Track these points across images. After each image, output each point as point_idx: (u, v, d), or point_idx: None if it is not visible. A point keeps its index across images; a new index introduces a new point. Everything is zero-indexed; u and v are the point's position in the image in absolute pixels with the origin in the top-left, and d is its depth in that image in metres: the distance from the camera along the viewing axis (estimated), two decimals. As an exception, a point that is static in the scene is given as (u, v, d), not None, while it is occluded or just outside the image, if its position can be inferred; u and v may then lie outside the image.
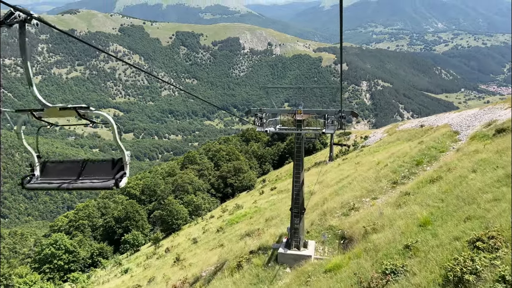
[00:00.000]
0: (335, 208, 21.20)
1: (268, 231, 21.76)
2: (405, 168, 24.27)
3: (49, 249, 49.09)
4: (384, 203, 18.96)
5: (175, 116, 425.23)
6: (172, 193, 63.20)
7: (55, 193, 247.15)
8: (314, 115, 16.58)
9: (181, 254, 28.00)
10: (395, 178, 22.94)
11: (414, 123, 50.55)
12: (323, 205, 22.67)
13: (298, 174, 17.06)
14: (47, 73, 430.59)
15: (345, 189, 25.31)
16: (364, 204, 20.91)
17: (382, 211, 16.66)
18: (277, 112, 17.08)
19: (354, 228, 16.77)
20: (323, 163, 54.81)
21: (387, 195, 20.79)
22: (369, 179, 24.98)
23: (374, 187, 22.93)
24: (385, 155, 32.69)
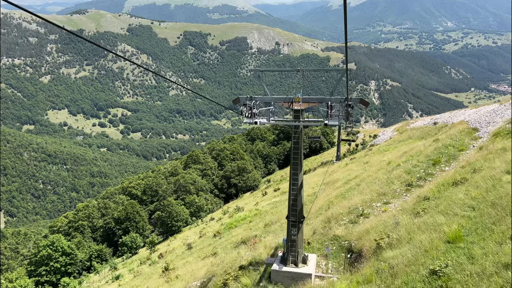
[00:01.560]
0: (341, 214, 18.86)
1: (265, 240, 19.48)
2: (420, 168, 21.83)
3: (46, 251, 47.41)
4: (398, 209, 16.60)
5: (182, 115, 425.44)
6: (174, 193, 61.25)
7: (62, 192, 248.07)
8: (315, 104, 14.11)
9: (171, 263, 25.90)
10: (409, 180, 20.55)
11: (427, 121, 47.93)
12: (327, 210, 20.33)
13: (295, 175, 14.58)
14: (56, 73, 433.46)
15: (353, 191, 22.94)
16: (374, 209, 18.54)
17: (397, 220, 14.28)
18: (270, 101, 14.49)
19: (363, 240, 14.41)
20: (329, 162, 52.47)
21: (401, 200, 18.48)
22: (380, 180, 22.57)
23: (385, 189, 20.59)
24: (397, 154, 30.26)
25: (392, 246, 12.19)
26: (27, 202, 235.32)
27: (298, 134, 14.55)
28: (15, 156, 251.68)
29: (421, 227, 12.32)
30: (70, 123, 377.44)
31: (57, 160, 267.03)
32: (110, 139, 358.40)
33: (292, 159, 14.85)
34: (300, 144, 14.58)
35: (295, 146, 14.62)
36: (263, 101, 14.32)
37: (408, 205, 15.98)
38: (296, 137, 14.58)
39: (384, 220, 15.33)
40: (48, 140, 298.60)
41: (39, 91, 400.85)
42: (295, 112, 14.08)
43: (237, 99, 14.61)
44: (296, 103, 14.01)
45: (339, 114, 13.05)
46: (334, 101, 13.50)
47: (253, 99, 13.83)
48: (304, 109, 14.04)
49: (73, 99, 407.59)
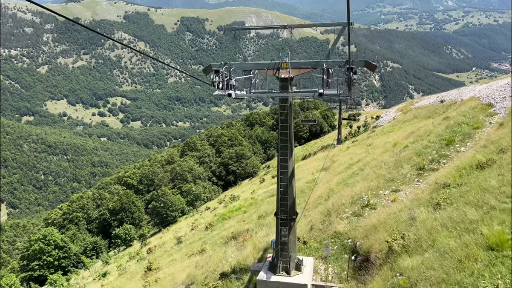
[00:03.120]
0: (343, 205, 16.49)
1: (256, 237, 17.33)
2: (432, 149, 19.36)
3: (38, 245, 45.77)
4: (411, 198, 14.20)
5: (182, 103, 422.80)
6: (171, 182, 59.35)
7: (64, 182, 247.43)
8: (308, 69, 11.21)
9: (156, 261, 24.00)
10: (420, 163, 17.97)
11: (432, 99, 45.49)
12: (327, 200, 18.02)
13: (285, 161, 11.92)
14: (53, 63, 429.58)
15: (356, 177, 20.63)
16: (382, 199, 16.06)
17: (412, 213, 11.84)
18: (250, 68, 11.80)
19: (371, 239, 11.98)
20: (330, 146, 50.26)
21: (412, 186, 16.06)
22: (387, 164, 20.17)
23: (394, 174, 18.16)
24: (403, 135, 27.95)
25: (410, 250, 9.77)
26: (28, 194, 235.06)
27: (286, 110, 11.81)
28: (15, 147, 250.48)
29: (447, 225, 9.80)
30: (70, 113, 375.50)
31: (58, 150, 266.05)
32: (110, 128, 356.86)
33: (280, 141, 12.05)
34: (289, 122, 11.98)
35: (283, 126, 11.89)
36: (241, 68, 11.74)
37: (423, 194, 13.59)
38: (284, 113, 11.81)
39: (395, 213, 12.91)
40: (48, 131, 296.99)
41: (37, 82, 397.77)
42: (282, 82, 11.50)
43: (209, 66, 11.81)
44: (283, 70, 11.41)
45: (338, 81, 10.64)
46: (332, 65, 10.88)
47: (229, 65, 11.40)
48: (293, 78, 11.64)
49: (72, 89, 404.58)
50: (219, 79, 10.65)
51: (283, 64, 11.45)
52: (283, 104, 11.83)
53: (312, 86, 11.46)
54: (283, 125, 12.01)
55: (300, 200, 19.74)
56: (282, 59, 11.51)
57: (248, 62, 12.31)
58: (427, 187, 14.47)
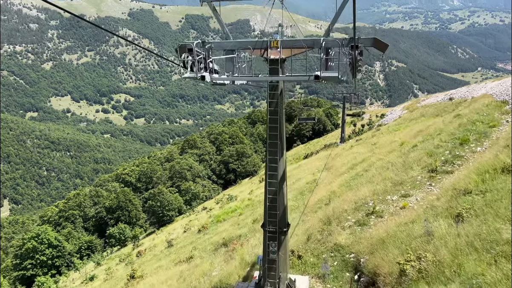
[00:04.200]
0: (345, 211, 14.76)
1: (246, 247, 15.70)
2: (444, 149, 17.61)
3: (31, 244, 44.51)
4: (423, 205, 12.38)
5: (185, 100, 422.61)
6: (169, 180, 57.93)
7: (66, 179, 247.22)
8: (304, 49, 9.32)
9: (140, 268, 22.54)
10: (432, 164, 16.12)
11: (440, 97, 43.74)
12: (328, 204, 16.34)
13: (273, 162, 10.05)
14: (57, 59, 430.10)
15: (360, 179, 18.98)
16: (389, 205, 14.28)
17: (428, 227, 9.97)
18: (233, 47, 9.88)
19: (378, 256, 10.11)
20: (333, 145, 48.63)
21: (424, 191, 14.27)
22: (394, 165, 18.46)
23: (402, 177, 16.35)
24: (410, 134, 26.29)
25: (429, 277, 7.94)
26: (31, 189, 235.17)
27: (276, 99, 9.92)
28: (18, 143, 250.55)
29: (474, 245, 7.91)
30: (73, 110, 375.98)
31: (61, 147, 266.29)
32: (114, 125, 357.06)
33: (268, 137, 10.08)
34: (279, 113, 10.05)
35: (272, 118, 9.92)
36: (222, 47, 10.04)
37: (439, 201, 11.77)
38: (273, 103, 9.89)
39: (406, 224, 11.04)
40: (51, 127, 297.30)
41: (42, 78, 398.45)
42: (272, 64, 9.64)
43: (183, 46, 9.74)
44: (273, 50, 9.51)
45: (339, 62, 8.75)
46: (333, 43, 9.04)
47: (206, 44, 9.71)
48: (285, 59, 9.93)
49: (76, 86, 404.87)
50: (192, 59, 8.87)
51: (272, 42, 9.52)
52: (272, 92, 9.90)
53: (308, 70, 9.40)
54: (272, 118, 10.01)
55: (299, 203, 18.24)
56: (272, 37, 9.71)
57: (230, 40, 10.31)
58: (442, 192, 12.63)
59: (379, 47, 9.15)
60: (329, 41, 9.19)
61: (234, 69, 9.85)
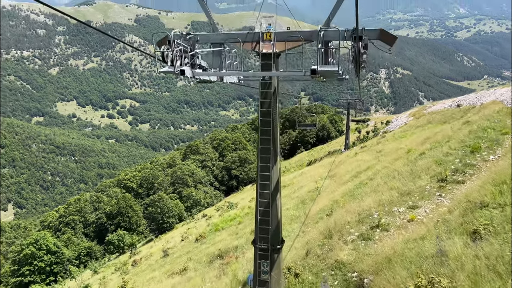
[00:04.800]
0: (348, 223, 13.79)
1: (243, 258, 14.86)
2: (454, 157, 16.67)
3: (29, 249, 43.85)
4: (435, 219, 11.22)
5: (190, 106, 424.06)
6: (171, 186, 57.19)
7: (71, 183, 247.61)
8: (300, 43, 8.39)
9: (132, 280, 21.69)
10: (442, 173, 15.12)
11: (448, 104, 42.82)
12: (330, 215, 15.40)
13: (266, 170, 9.00)
14: (64, 65, 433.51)
15: (364, 188, 18.06)
16: (396, 217, 13.15)
17: (442, 246, 8.79)
18: (220, 41, 9.04)
19: (384, 278, 8.92)
20: (337, 152, 47.70)
21: (434, 202, 13.21)
22: (400, 174, 17.47)
23: (410, 187, 15.30)
24: (417, 141, 25.36)
25: None
26: (36, 194, 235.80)
27: (269, 99, 8.96)
28: (23, 148, 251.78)
29: (498, 269, 6.91)
30: (79, 115, 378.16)
31: (65, 151, 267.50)
32: (119, 130, 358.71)
33: (260, 142, 9.08)
34: (273, 115, 9.05)
35: (264, 120, 8.89)
36: (208, 40, 9.23)
37: (451, 215, 10.70)
38: (266, 103, 8.92)
39: (415, 240, 9.93)
40: (57, 132, 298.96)
41: (48, 83, 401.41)
42: (264, 59, 8.79)
43: (164, 38, 8.59)
44: (266, 43, 8.72)
45: (339, 54, 7.93)
46: (333, 35, 8.13)
47: (190, 36, 8.86)
48: (279, 54, 9.06)
49: (82, 91, 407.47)
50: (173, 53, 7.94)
51: (265, 35, 8.68)
52: (265, 91, 8.90)
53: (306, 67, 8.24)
54: (264, 120, 8.95)
55: (300, 212, 17.39)
56: (265, 28, 8.82)
57: (217, 32, 9.39)
58: (454, 205, 11.57)
59: (386, 40, 8.15)
60: (329, 32, 8.17)
61: (222, 65, 8.95)
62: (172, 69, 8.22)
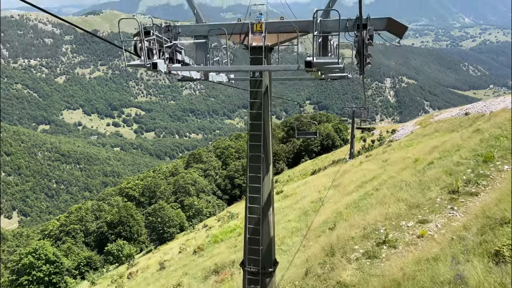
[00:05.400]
0: (352, 238, 12.78)
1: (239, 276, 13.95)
2: (465, 167, 15.56)
3: (28, 259, 43.14)
4: (448, 235, 10.09)
5: (195, 115, 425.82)
6: (173, 195, 56.41)
7: (75, 191, 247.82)
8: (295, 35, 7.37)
9: None
10: (453, 184, 14.09)
11: (455, 112, 41.91)
12: (333, 229, 14.46)
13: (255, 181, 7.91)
14: (71, 73, 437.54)
15: (369, 199, 17.11)
16: (404, 232, 12.09)
17: (460, 269, 7.60)
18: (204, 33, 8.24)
19: None
20: (342, 161, 46.78)
21: (445, 216, 12.15)
22: (408, 184, 16.51)
23: (418, 199, 14.25)
24: (424, 150, 24.47)
25: None
26: (40, 202, 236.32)
27: (259, 99, 7.98)
28: (29, 155, 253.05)
29: None
30: (85, 123, 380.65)
31: (71, 159, 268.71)
32: (124, 138, 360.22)
33: (249, 148, 7.96)
34: (264, 117, 8.01)
35: (254, 124, 7.87)
36: (191, 33, 8.44)
37: (467, 232, 9.49)
38: (256, 104, 7.94)
39: (427, 261, 8.78)
40: (62, 140, 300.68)
41: (54, 92, 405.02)
42: (254, 53, 7.93)
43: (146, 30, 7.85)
44: (256, 35, 7.87)
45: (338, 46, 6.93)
46: (333, 25, 7.24)
47: (171, 27, 8.09)
48: (272, 48, 8.19)
49: (88, 99, 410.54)
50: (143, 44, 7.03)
51: (255, 25, 7.81)
52: (255, 90, 7.95)
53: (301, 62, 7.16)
54: (254, 123, 7.97)
55: (302, 224, 16.52)
56: (255, 18, 7.98)
57: (201, 24, 8.58)
58: (470, 220, 10.43)
59: (395, 30, 7.18)
60: (328, 22, 7.26)
61: (207, 61, 8.14)
62: (142, 63, 7.40)
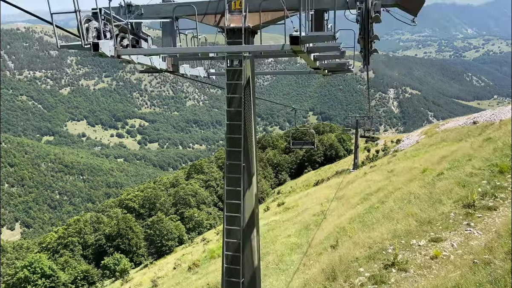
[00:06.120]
0: (356, 259, 11.27)
1: None
2: (480, 178, 14.24)
3: (23, 273, 41.99)
4: (466, 257, 8.76)
5: (199, 125, 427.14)
6: (173, 206, 55.25)
7: (78, 203, 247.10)
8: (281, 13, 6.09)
9: None
10: (468, 197, 12.74)
11: (462, 121, 40.76)
12: (335, 247, 13.18)
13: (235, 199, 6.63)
14: (75, 85, 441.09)
15: (375, 213, 15.84)
16: (415, 253, 10.64)
17: None
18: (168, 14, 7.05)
19: None
20: (345, 171, 45.62)
21: (461, 234, 10.70)
22: (418, 197, 15.11)
23: (430, 213, 12.84)
24: (432, 160, 23.29)
25: None
26: (43, 213, 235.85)
27: (239, 93, 6.72)
28: (32, 167, 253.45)
29: None
30: (89, 134, 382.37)
31: (74, 170, 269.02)
32: (128, 149, 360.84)
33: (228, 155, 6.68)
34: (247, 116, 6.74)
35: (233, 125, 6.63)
36: (156, 13, 7.21)
37: (492, 254, 8.19)
38: (235, 100, 6.65)
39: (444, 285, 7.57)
40: (66, 151, 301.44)
41: (59, 103, 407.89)
42: (232, 37, 6.55)
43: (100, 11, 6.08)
44: (234, 15, 6.54)
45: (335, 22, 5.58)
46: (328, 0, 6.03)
47: (132, 7, 6.90)
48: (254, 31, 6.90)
49: (92, 110, 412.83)
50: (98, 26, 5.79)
51: (233, 3, 6.46)
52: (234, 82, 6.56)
53: None
54: (232, 125, 6.68)
55: (302, 240, 15.32)
56: None
57: (167, 2, 7.39)
58: (492, 239, 9.08)
59: (408, 6, 5.96)
60: None
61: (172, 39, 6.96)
62: (78, 43, 6.11)
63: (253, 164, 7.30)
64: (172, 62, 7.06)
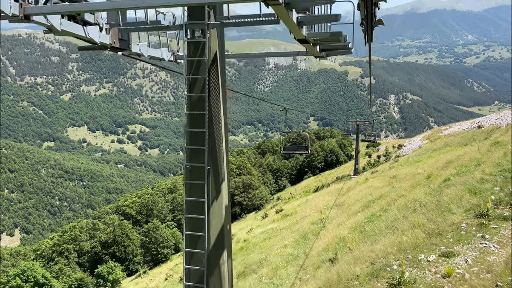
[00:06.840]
0: (356, 277, 10.00)
1: None
2: (492, 184, 13.04)
3: (15, 282, 40.92)
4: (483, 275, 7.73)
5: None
6: (171, 213, 54.20)
7: (78, 209, 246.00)
8: None
9: None
10: (482, 206, 11.54)
11: (466, 125, 39.81)
12: (334, 261, 12.00)
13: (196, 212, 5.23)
14: (76, 91, 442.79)
15: (377, 222, 14.70)
16: (425, 270, 9.42)
17: None
18: None
19: None
20: (346, 177, 44.62)
21: (476, 247, 9.53)
22: (424, 206, 13.87)
23: (439, 224, 11.57)
24: (437, 165, 22.26)
25: None
26: (43, 219, 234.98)
27: (202, 72, 5.51)
28: (32, 172, 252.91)
29: None
30: (89, 140, 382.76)
31: (74, 176, 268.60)
32: (128, 155, 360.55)
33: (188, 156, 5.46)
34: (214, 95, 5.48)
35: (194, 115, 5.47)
36: None
37: None
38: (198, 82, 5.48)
39: None
40: (66, 157, 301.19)
41: (60, 109, 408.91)
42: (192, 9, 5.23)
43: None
44: None
45: None
46: None
47: None
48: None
49: (93, 116, 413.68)
50: None
51: None
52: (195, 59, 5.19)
53: None
54: (194, 115, 5.48)
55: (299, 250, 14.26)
56: None
57: None
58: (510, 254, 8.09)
59: None
60: None
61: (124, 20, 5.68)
62: None
63: (222, 167, 5.92)
64: (120, 36, 5.78)
